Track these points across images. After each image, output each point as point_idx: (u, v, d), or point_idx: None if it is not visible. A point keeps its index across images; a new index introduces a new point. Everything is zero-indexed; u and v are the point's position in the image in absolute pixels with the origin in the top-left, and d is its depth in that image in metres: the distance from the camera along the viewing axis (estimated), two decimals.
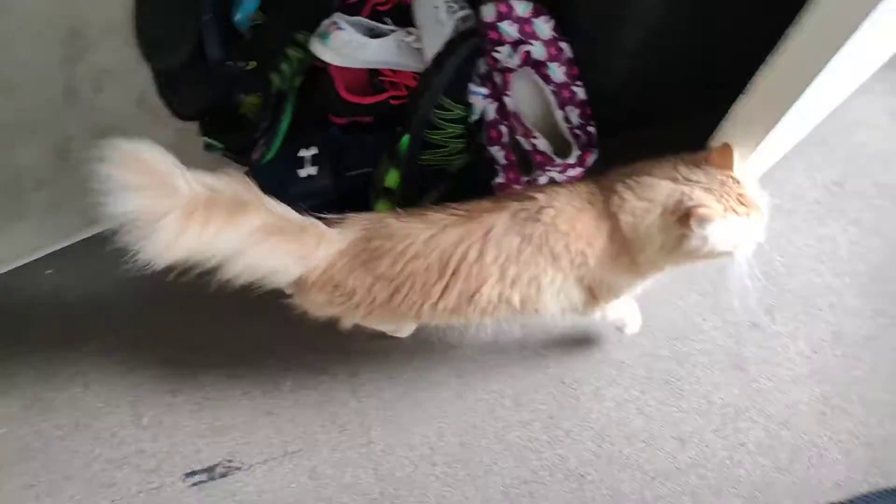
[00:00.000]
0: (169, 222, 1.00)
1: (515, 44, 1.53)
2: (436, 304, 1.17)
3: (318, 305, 1.21)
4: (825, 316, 1.62)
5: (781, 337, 1.61)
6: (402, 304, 1.17)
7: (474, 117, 1.58)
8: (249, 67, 1.49)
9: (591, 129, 1.58)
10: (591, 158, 1.56)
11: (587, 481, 1.48)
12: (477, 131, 1.60)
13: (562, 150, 1.56)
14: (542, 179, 1.56)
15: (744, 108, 1.16)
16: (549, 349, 1.56)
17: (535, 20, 1.50)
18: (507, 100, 1.54)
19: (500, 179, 1.61)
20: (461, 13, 1.60)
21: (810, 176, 1.75)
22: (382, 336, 1.52)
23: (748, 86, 1.12)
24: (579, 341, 1.56)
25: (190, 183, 1.06)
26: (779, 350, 1.60)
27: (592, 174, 1.28)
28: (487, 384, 1.55)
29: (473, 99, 1.57)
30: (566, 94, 1.55)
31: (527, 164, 1.60)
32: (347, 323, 1.29)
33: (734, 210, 1.12)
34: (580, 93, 1.56)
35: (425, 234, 1.16)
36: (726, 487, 1.49)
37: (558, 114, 1.55)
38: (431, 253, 1.15)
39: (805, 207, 1.71)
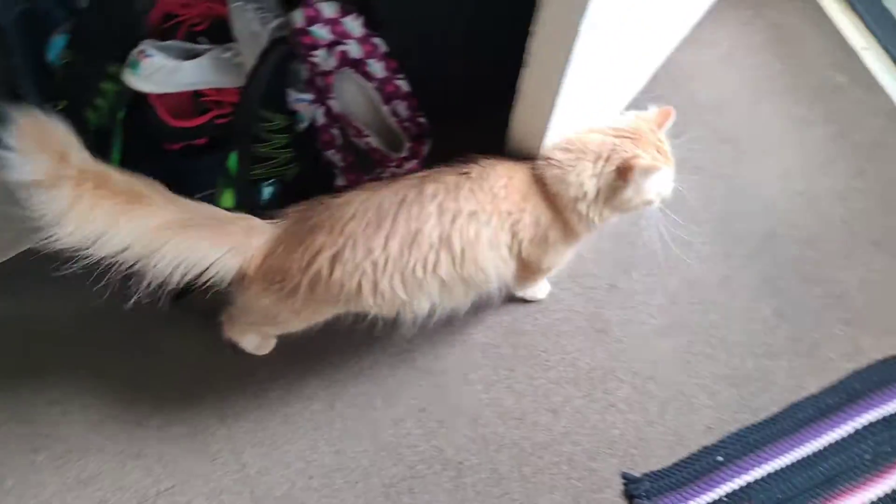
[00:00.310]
0: (61, 190, 1.01)
1: (330, 45, 1.52)
2: (378, 260, 1.14)
3: (259, 299, 1.20)
4: (679, 266, 1.65)
5: (639, 294, 1.64)
6: (344, 274, 1.14)
7: (304, 124, 1.57)
8: (60, 107, 1.45)
9: (421, 119, 1.58)
10: (424, 148, 1.57)
11: (465, 467, 1.48)
12: (309, 138, 1.59)
13: (396, 144, 1.56)
14: (385, 175, 1.56)
15: (527, 82, 1.18)
16: (414, 343, 1.56)
17: (344, 20, 1.50)
18: (332, 103, 1.53)
19: (340, 182, 1.60)
20: (276, 22, 1.59)
21: None
22: (247, 356, 1.50)
23: (524, 58, 1.14)
24: (442, 330, 1.56)
25: (83, 156, 1.06)
26: (638, 307, 1.63)
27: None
28: (357, 388, 1.54)
29: (299, 106, 1.56)
30: (390, 88, 1.55)
31: (366, 163, 1.59)
32: (284, 319, 1.27)
33: (656, 160, 1.19)
34: (403, 85, 1.56)
35: (361, 197, 1.17)
36: (602, 449, 1.50)
37: (385, 109, 1.55)
38: (368, 210, 1.15)
39: None
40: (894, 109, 1.83)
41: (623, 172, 1.16)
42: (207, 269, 1.12)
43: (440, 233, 1.16)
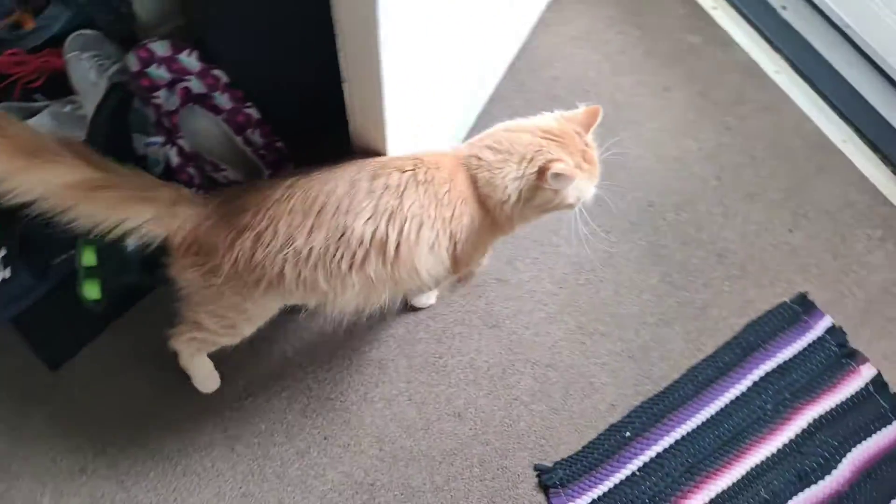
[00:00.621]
0: None
1: (170, 84, 1.48)
2: (301, 249, 1.10)
3: (185, 273, 1.17)
4: (562, 250, 1.66)
5: (527, 283, 1.64)
6: (266, 257, 1.10)
7: (157, 168, 1.52)
8: None
9: (278, 144, 1.55)
10: (288, 170, 1.53)
11: (377, 488, 1.45)
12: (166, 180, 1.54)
13: (256, 173, 1.53)
14: None
15: (351, 96, 1.16)
16: (307, 370, 1.52)
17: (179, 56, 1.46)
18: (182, 142, 1.49)
19: None
20: (114, 68, 1.54)
21: None
22: (138, 411, 1.45)
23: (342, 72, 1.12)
24: (333, 352, 1.53)
25: None
26: (527, 296, 1.62)
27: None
28: (255, 426, 1.50)
29: (150, 150, 1.51)
30: (240, 118, 1.52)
31: None
32: (215, 305, 1.22)
33: (580, 166, 1.19)
34: (254, 113, 1.53)
35: (288, 181, 1.12)
36: (511, 445, 1.49)
37: (239, 140, 1.52)
38: (295, 196, 1.10)
39: None
40: (750, 63, 1.86)
41: (541, 175, 1.16)
42: (129, 232, 1.10)
43: (373, 231, 1.12)
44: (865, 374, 1.61)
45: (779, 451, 1.54)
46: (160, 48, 1.45)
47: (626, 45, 1.85)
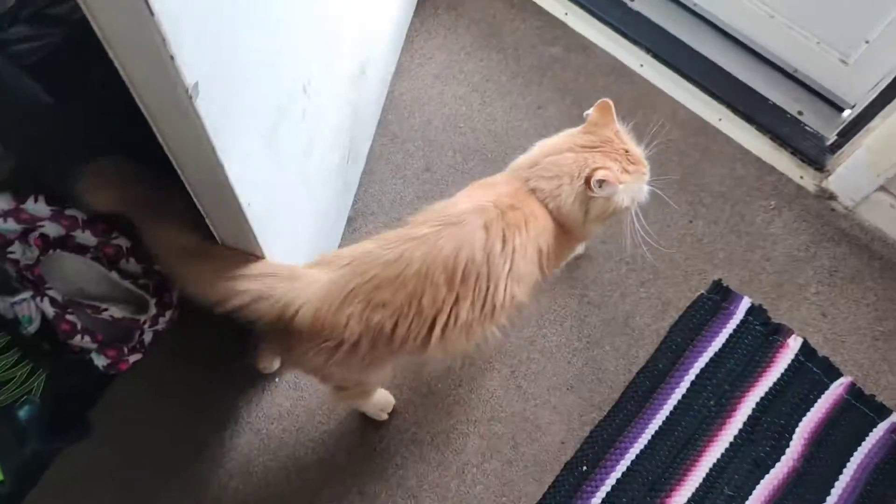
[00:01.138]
0: None
1: (23, 235, 1.36)
2: (449, 321, 1.09)
3: (308, 360, 1.11)
4: None
5: None
6: (409, 332, 1.08)
7: (33, 326, 1.41)
8: None
9: (158, 266, 1.45)
10: (173, 295, 1.44)
11: None
12: (47, 335, 1.43)
13: (142, 303, 1.43)
14: (147, 337, 1.44)
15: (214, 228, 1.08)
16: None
17: (24, 206, 1.35)
18: (52, 292, 1.38)
19: (103, 362, 1.46)
20: None
21: (401, 176, 1.73)
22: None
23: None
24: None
25: None
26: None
27: None
28: None
29: (19, 309, 1.39)
30: (110, 251, 1.42)
31: (119, 333, 1.45)
32: (335, 380, 1.24)
33: (626, 169, 1.19)
34: (123, 242, 1.43)
35: (418, 252, 1.08)
36: None
37: (114, 274, 1.41)
38: (433, 266, 1.08)
39: (408, 209, 1.69)
40: (613, 62, 1.86)
41: (588, 186, 1.17)
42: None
43: (511, 291, 1.14)
44: (793, 345, 1.63)
45: (731, 444, 1.54)
46: (1, 202, 1.33)
47: (489, 72, 1.82)
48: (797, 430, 1.56)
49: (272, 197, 1.06)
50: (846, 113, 1.81)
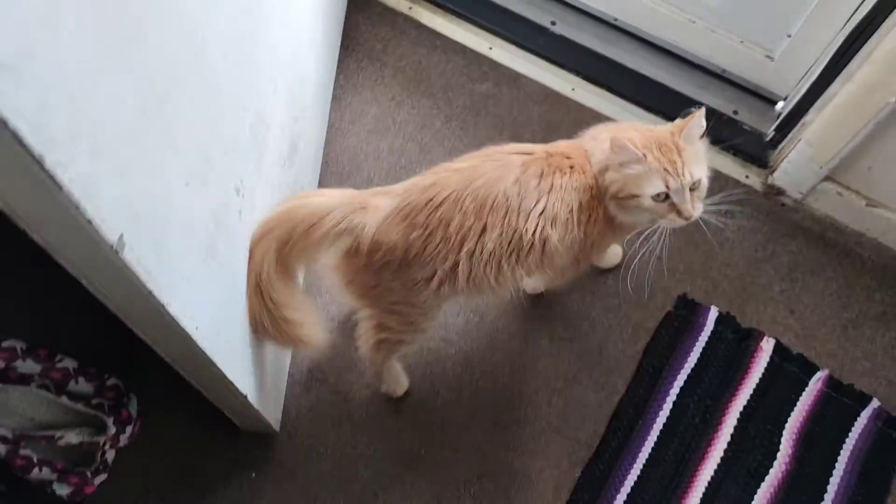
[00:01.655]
0: None
1: None
2: (474, 249, 1.13)
3: (366, 281, 1.19)
4: (445, 352, 1.58)
5: (424, 403, 1.54)
6: (437, 254, 1.13)
7: None
8: None
9: (110, 382, 1.38)
10: (131, 409, 1.38)
11: None
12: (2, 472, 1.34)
13: (99, 423, 1.35)
14: (110, 456, 1.36)
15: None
16: None
17: None
18: (0, 430, 1.29)
19: (66, 491, 1.38)
20: None
21: None
22: None
23: None
24: None
25: None
26: (432, 416, 1.54)
27: None
28: None
29: None
30: (56, 376, 1.34)
31: (80, 458, 1.38)
32: (384, 307, 1.27)
33: (659, 161, 1.14)
34: (69, 363, 1.35)
35: (453, 179, 1.13)
36: None
37: (64, 399, 1.34)
38: (464, 196, 1.12)
39: None
40: (545, 90, 1.84)
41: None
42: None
43: (541, 229, 1.15)
44: (766, 348, 1.63)
45: (723, 459, 1.53)
46: None
47: (423, 119, 1.78)
48: (784, 431, 1.55)
49: (220, 309, 1.00)
50: (780, 105, 1.82)
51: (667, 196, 1.16)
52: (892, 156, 1.55)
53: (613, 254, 1.63)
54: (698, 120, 1.17)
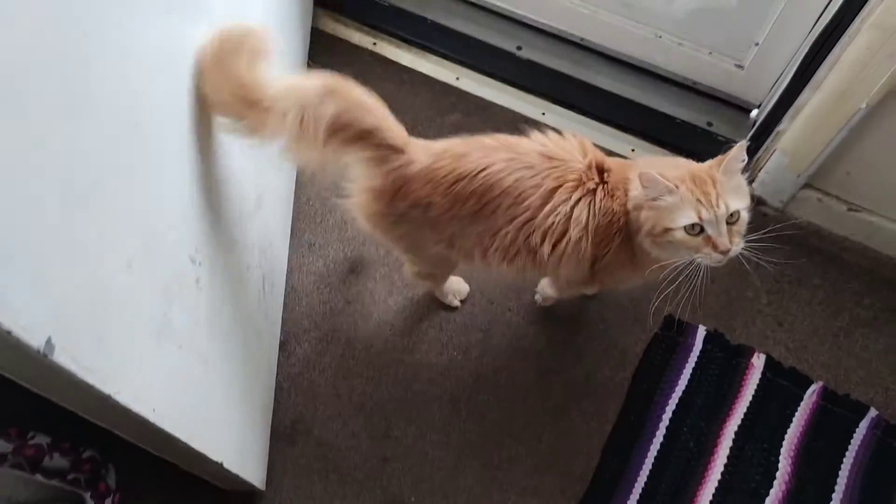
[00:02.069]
0: None
1: None
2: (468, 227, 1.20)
3: (375, 218, 1.24)
4: (431, 393, 1.54)
5: (413, 446, 1.51)
6: (438, 222, 1.19)
7: None
8: None
9: (86, 454, 1.35)
10: (109, 481, 1.34)
11: None
12: None
13: (77, 499, 1.32)
14: None
15: None
16: None
17: None
18: None
19: None
20: None
21: (326, 284, 1.66)
22: None
23: None
24: None
25: None
26: (419, 459, 1.50)
27: None
28: None
29: None
30: (29, 452, 1.31)
31: None
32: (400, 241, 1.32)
33: (693, 193, 1.10)
34: (43, 439, 1.32)
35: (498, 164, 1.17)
36: None
37: (38, 477, 1.31)
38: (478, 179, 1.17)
39: (341, 318, 1.61)
40: (514, 116, 1.82)
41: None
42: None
43: (535, 239, 1.19)
44: (757, 364, 1.60)
45: (720, 482, 1.50)
46: None
47: None
48: (782, 450, 1.52)
49: (182, 383, 0.98)
50: (754, 113, 1.79)
51: (701, 229, 1.11)
52: (869, 160, 1.53)
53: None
54: (738, 153, 1.12)
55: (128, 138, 0.80)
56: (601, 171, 1.20)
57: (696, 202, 1.10)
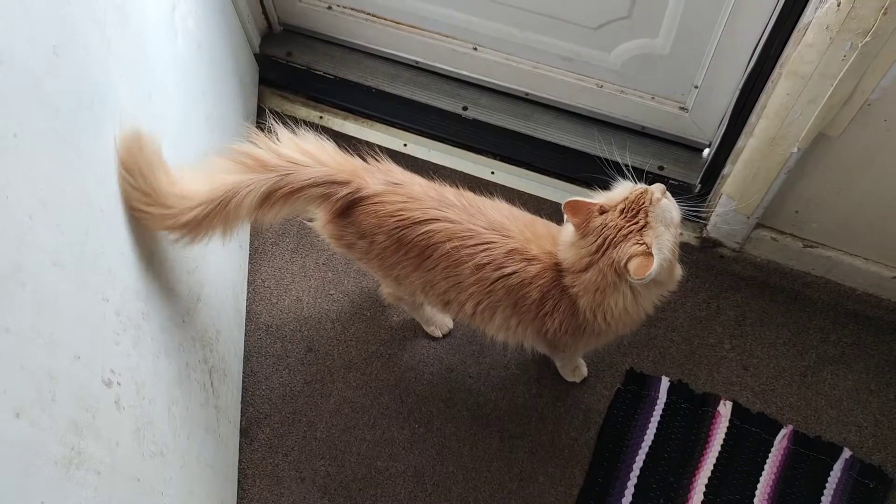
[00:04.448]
0: None
1: None
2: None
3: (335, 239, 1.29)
4: (394, 469, 1.52)
5: None
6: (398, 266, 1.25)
7: None
8: None
9: None
10: None
11: None
12: None
13: None
14: None
15: None
16: None
17: None
18: None
19: None
20: None
21: (285, 366, 1.66)
22: None
23: None
24: None
25: None
26: None
27: None
28: None
29: None
30: None
31: None
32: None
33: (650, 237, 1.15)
34: None
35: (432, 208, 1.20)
36: None
37: None
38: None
39: (301, 399, 1.61)
40: (466, 178, 1.83)
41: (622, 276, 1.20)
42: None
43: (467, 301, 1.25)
44: (724, 412, 1.57)
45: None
46: None
47: (337, 276, 1.75)
48: (755, 499, 1.50)
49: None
50: (706, 153, 1.78)
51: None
52: (813, 198, 1.51)
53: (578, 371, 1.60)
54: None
55: (15, 275, 0.80)
56: (531, 240, 1.23)
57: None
